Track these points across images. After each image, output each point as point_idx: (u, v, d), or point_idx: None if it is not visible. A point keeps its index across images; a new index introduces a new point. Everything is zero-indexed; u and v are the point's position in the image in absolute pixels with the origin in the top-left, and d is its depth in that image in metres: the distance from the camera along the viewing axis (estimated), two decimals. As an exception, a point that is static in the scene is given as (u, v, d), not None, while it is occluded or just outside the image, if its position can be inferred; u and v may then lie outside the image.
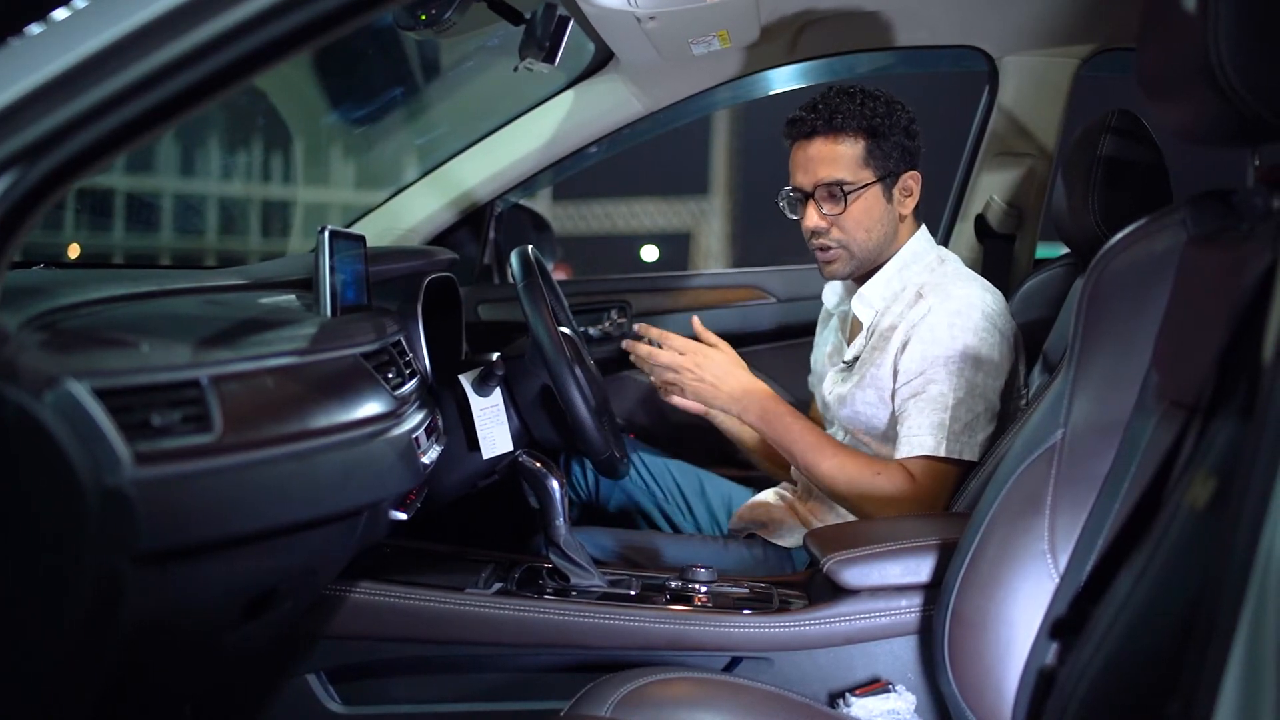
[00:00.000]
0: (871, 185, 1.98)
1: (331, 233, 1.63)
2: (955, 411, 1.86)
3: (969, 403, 1.86)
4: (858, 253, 2.01)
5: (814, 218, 2.00)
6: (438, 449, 1.69)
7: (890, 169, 1.99)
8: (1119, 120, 1.89)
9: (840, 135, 1.97)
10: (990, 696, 1.39)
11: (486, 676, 1.76)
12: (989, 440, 1.89)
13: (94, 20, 0.96)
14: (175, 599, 1.15)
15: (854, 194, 1.97)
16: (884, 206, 2.00)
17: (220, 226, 6.74)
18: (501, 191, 2.83)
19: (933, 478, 1.87)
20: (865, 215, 1.99)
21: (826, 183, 1.97)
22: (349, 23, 0.98)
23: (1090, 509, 1.29)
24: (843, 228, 1.99)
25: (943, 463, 1.86)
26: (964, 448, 1.86)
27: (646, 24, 2.21)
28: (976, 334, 1.88)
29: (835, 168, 1.97)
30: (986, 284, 2.00)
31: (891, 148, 1.98)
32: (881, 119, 1.97)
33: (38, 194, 0.96)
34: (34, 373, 0.96)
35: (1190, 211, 1.19)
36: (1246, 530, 0.69)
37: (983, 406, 1.87)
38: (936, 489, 1.87)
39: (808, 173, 1.99)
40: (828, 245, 2.01)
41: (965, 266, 2.08)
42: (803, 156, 2.01)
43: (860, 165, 1.97)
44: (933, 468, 1.87)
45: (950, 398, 1.86)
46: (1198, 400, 0.94)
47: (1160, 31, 1.03)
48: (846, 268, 2.04)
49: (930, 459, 1.86)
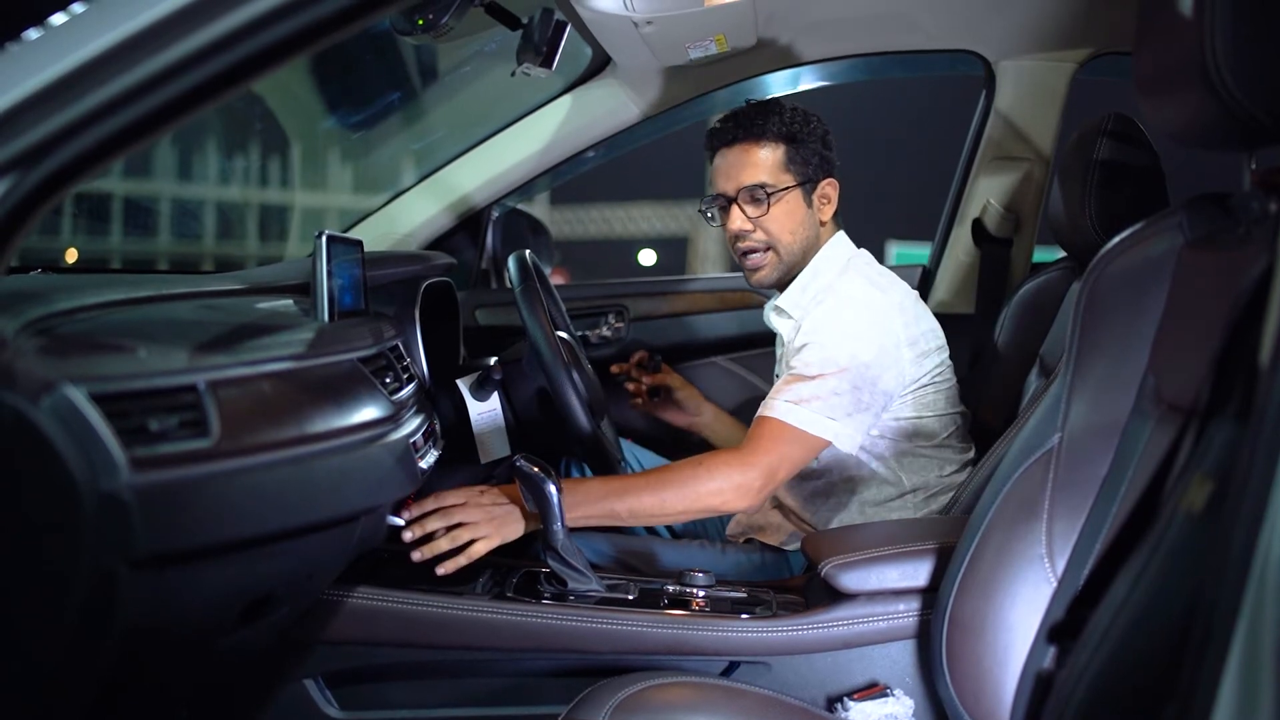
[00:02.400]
0: (792, 189, 2.03)
1: (329, 237, 1.63)
2: (814, 387, 1.86)
3: (832, 384, 1.86)
4: (784, 255, 2.06)
5: (738, 220, 2.05)
6: (435, 454, 1.69)
7: (809, 175, 2.05)
8: (1115, 124, 1.90)
9: (761, 141, 2.03)
10: (988, 700, 1.39)
11: (484, 681, 1.76)
12: (857, 431, 1.89)
13: (91, 26, 0.96)
14: (172, 603, 1.15)
15: (776, 196, 2.02)
16: (805, 210, 2.05)
17: (218, 231, 6.74)
18: (499, 196, 2.83)
19: (770, 440, 1.85)
20: (788, 218, 2.04)
21: (749, 185, 2.02)
22: (346, 28, 0.98)
23: (1088, 512, 1.29)
24: (766, 229, 2.04)
25: (787, 429, 1.85)
26: (814, 423, 1.85)
27: (643, 29, 2.21)
28: (856, 325, 1.91)
29: (757, 171, 2.03)
30: (888, 283, 2.03)
31: (809, 154, 2.04)
32: (799, 127, 2.03)
33: (35, 199, 0.96)
34: (31, 378, 0.95)
35: (1187, 215, 1.19)
36: (1244, 533, 0.69)
37: (848, 389, 1.87)
38: (770, 451, 1.84)
39: (729, 178, 2.05)
40: (754, 247, 2.05)
41: (875, 268, 2.09)
42: (724, 164, 2.06)
43: (780, 170, 2.03)
44: (773, 430, 1.86)
45: (813, 371, 1.87)
46: (1195, 403, 0.94)
47: (1156, 35, 1.03)
48: (774, 273, 2.07)
49: (773, 420, 1.86)
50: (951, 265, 2.71)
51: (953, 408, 2.05)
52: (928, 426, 2.00)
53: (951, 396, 2.05)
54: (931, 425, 2.00)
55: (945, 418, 2.02)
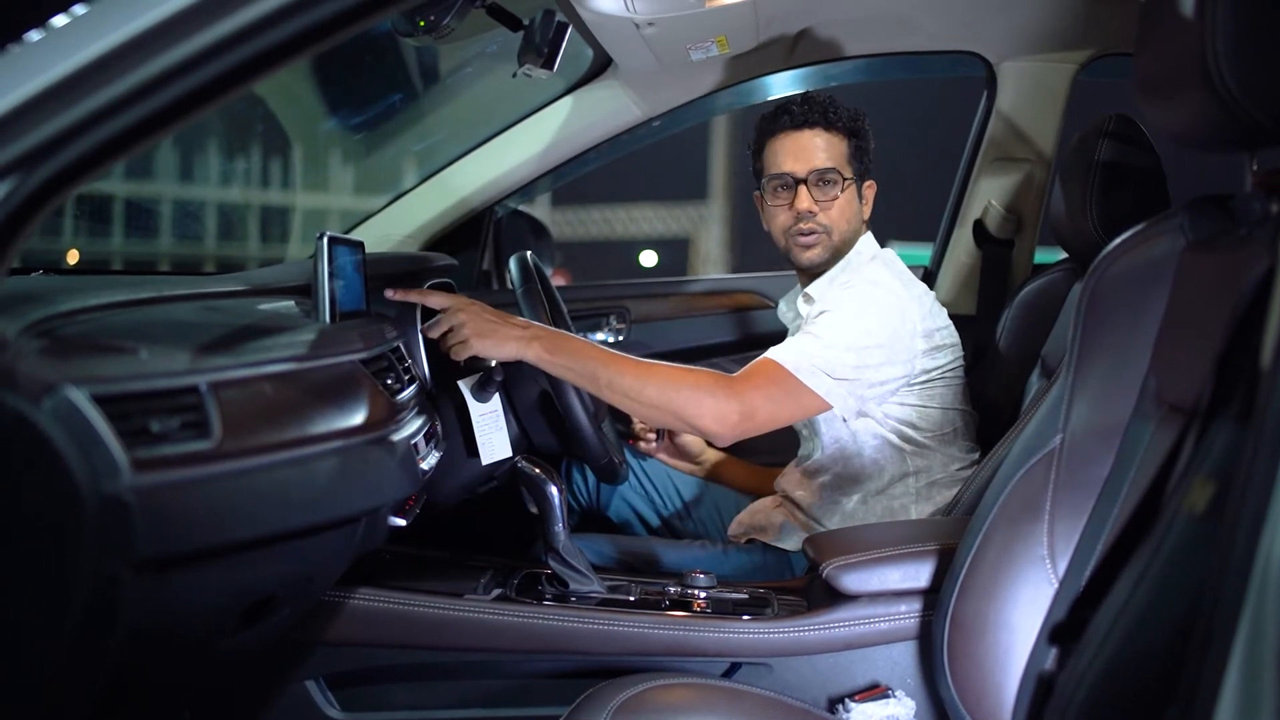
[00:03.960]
0: (850, 182, 2.08)
1: (330, 238, 1.63)
2: (822, 346, 1.86)
3: (839, 348, 1.86)
4: (837, 240, 2.08)
5: (807, 200, 2.06)
6: (436, 455, 1.69)
7: (862, 172, 2.10)
8: (1117, 125, 1.89)
9: (832, 130, 2.07)
10: (989, 702, 1.39)
11: (485, 682, 1.76)
12: (852, 398, 1.87)
13: (93, 27, 0.96)
14: (173, 605, 1.15)
15: (843, 185, 2.06)
16: (857, 205, 2.11)
17: (219, 232, 6.74)
18: (500, 197, 2.84)
19: (763, 377, 1.83)
20: (848, 206, 2.08)
21: (822, 169, 2.05)
22: (348, 29, 0.98)
23: (1089, 513, 1.29)
24: (829, 215, 2.06)
25: (782, 372, 1.83)
26: (811, 375, 1.83)
27: (645, 30, 2.21)
28: (875, 303, 1.93)
29: (829, 157, 2.06)
30: (910, 279, 2.06)
31: (864, 153, 2.10)
32: (860, 124, 2.09)
33: (36, 200, 0.96)
34: (33, 379, 0.95)
35: (1188, 216, 1.19)
36: (1245, 534, 0.69)
37: (853, 358, 1.86)
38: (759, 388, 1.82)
39: (799, 160, 2.06)
40: (814, 229, 2.06)
41: (900, 265, 2.12)
42: (794, 145, 2.07)
43: (846, 161, 2.08)
44: (768, 369, 1.85)
45: (824, 335, 1.87)
46: (1196, 405, 0.94)
47: (1158, 36, 1.03)
48: (825, 253, 2.09)
49: (772, 362, 1.85)
50: (953, 266, 2.70)
51: (960, 404, 2.05)
52: (934, 417, 2.01)
53: (960, 394, 2.06)
54: (937, 417, 2.01)
55: (952, 412, 2.03)
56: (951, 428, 2.03)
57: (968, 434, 2.07)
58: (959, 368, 2.06)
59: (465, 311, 1.78)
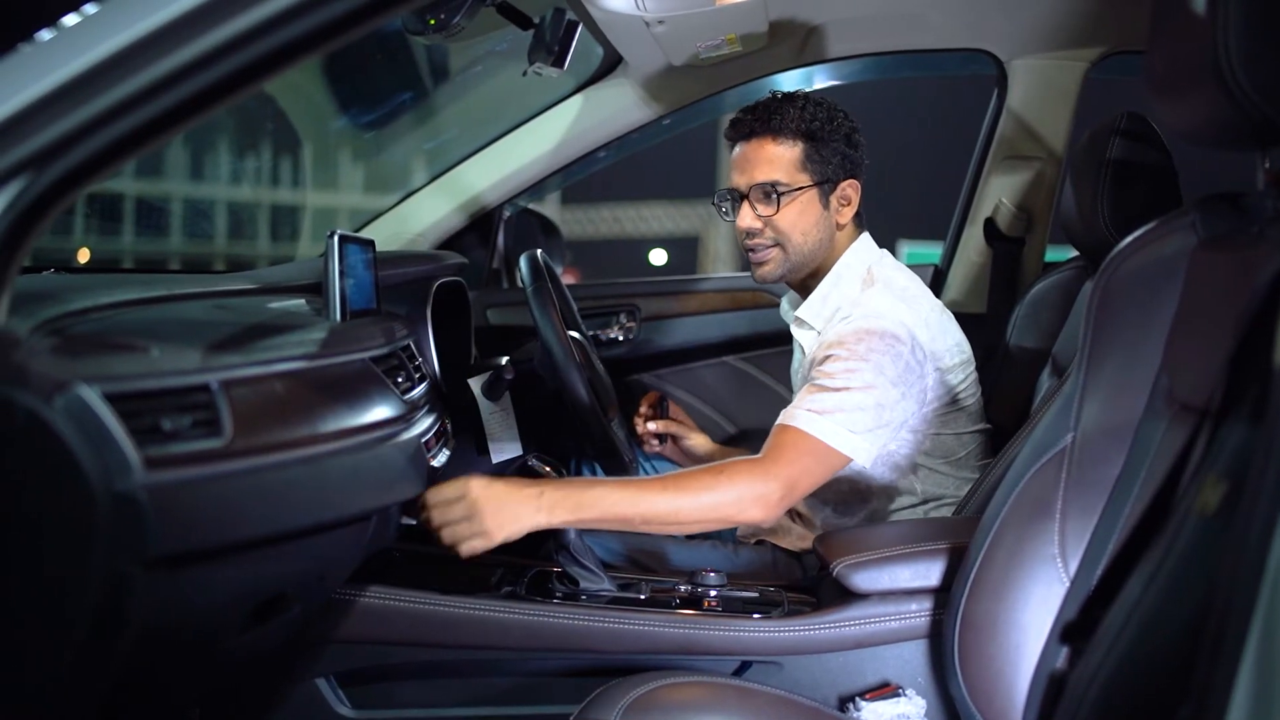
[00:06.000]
0: (807, 189, 1.95)
1: (341, 237, 1.64)
2: (838, 399, 1.79)
3: (856, 397, 1.79)
4: (793, 254, 1.98)
5: (747, 218, 1.97)
6: (447, 453, 1.70)
7: (828, 175, 1.96)
8: (1128, 123, 1.89)
9: (778, 137, 1.96)
10: (1000, 701, 1.38)
11: (496, 681, 1.76)
12: (875, 447, 1.82)
13: (103, 27, 0.96)
14: (184, 603, 1.15)
15: (787, 196, 1.94)
16: (820, 212, 1.98)
17: (229, 231, 6.76)
18: (510, 196, 2.84)
19: (792, 450, 1.78)
20: (800, 218, 1.96)
21: (761, 183, 1.95)
22: (358, 28, 0.99)
23: (1100, 513, 1.29)
24: (776, 229, 1.96)
25: (808, 439, 1.77)
26: (836, 436, 1.77)
27: (655, 28, 2.21)
28: (882, 339, 1.83)
29: (771, 169, 1.95)
30: (913, 295, 1.95)
31: (830, 154, 1.96)
32: (821, 124, 1.95)
33: (47, 200, 0.96)
34: (44, 378, 0.96)
35: (1200, 214, 1.19)
36: (1257, 534, 0.69)
37: (871, 404, 1.79)
38: (792, 462, 1.76)
39: (743, 173, 1.98)
40: (761, 245, 1.98)
41: (901, 277, 2.00)
42: (740, 158, 1.99)
43: (797, 169, 1.95)
44: (794, 440, 1.78)
45: (837, 383, 1.80)
46: (1208, 404, 0.94)
47: (1169, 34, 1.02)
48: (780, 269, 2.00)
49: (795, 430, 1.78)
50: (963, 264, 2.70)
51: (975, 425, 2.00)
52: (947, 444, 1.96)
53: (974, 414, 2.00)
54: (950, 444, 1.96)
55: (966, 436, 1.98)
56: (964, 451, 1.98)
57: (981, 452, 2.02)
58: (973, 385, 2.00)
59: (466, 500, 1.62)
